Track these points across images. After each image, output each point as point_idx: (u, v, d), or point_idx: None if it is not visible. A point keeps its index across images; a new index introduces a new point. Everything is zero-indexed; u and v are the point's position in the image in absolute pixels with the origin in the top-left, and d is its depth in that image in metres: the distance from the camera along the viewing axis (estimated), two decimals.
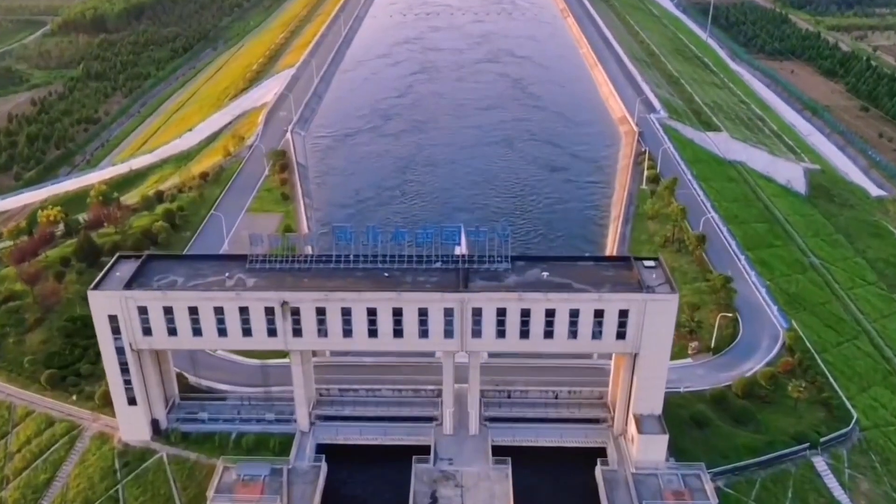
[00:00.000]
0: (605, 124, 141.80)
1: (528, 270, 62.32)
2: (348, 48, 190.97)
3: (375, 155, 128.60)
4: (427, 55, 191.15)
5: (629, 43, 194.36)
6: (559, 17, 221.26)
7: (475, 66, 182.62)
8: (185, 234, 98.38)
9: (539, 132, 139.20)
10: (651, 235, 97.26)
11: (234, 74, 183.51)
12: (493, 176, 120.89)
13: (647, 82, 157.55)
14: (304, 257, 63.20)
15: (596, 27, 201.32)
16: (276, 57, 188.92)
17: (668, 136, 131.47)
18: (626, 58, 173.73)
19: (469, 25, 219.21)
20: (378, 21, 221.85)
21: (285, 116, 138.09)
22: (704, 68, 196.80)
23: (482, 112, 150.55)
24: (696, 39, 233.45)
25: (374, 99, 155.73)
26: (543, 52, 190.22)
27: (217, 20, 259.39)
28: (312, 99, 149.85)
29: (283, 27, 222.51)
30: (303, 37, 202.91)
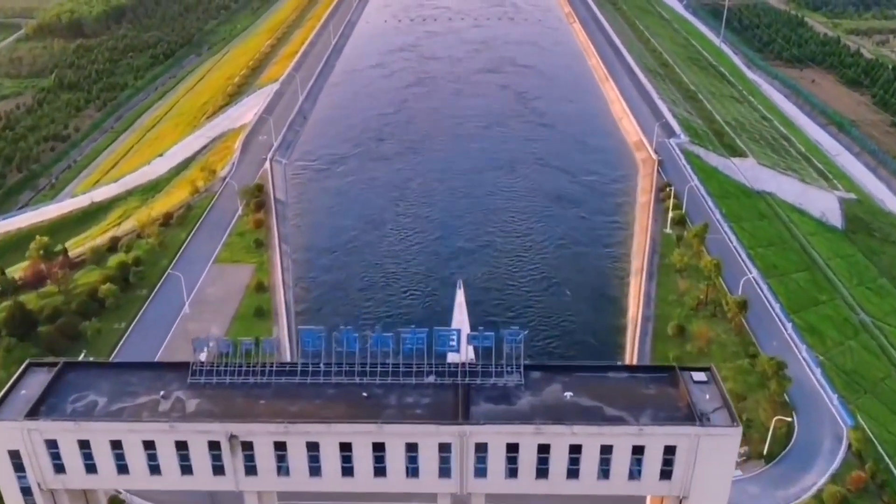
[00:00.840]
0: (620, 148, 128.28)
1: (547, 386, 49.04)
2: (338, 58, 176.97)
3: (364, 185, 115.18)
4: (423, 64, 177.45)
5: (640, 52, 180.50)
6: (564, 21, 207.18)
7: (475, 76, 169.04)
8: (141, 294, 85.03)
9: (546, 155, 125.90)
10: (681, 295, 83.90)
11: (215, 87, 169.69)
12: (495, 210, 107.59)
13: (663, 100, 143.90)
14: (261, 367, 49.94)
15: (604, 34, 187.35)
16: (261, 67, 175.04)
17: (691, 164, 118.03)
18: (638, 70, 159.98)
19: (468, 30, 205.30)
20: (371, 26, 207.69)
21: (265, 141, 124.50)
22: (721, 79, 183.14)
23: (483, 131, 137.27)
24: (709, 45, 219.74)
25: (364, 117, 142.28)
26: (548, 62, 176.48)
27: (202, 23, 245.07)
28: (297, 119, 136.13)
29: (270, 32, 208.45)
30: (290, 44, 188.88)
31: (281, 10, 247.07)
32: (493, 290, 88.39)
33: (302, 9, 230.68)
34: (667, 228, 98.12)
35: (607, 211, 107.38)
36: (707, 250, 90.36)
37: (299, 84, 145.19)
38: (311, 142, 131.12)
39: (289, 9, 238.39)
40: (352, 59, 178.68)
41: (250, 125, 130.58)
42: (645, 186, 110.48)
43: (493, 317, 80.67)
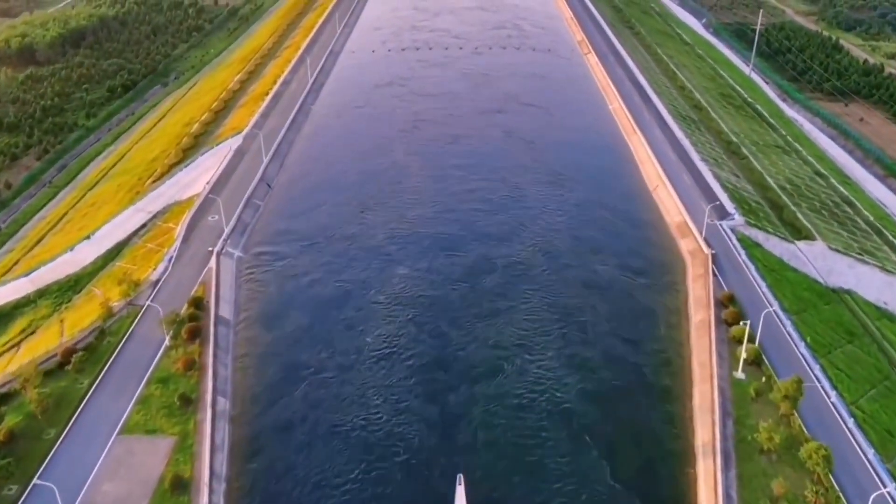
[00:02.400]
0: (656, 226, 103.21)
1: None
2: (316, 98, 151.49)
3: (331, 291, 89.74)
4: (416, 103, 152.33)
5: (668, 92, 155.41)
6: (577, 50, 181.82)
7: (476, 119, 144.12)
8: (8, 493, 59.85)
9: (566, 237, 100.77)
10: (774, 501, 58.76)
11: (171, 134, 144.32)
12: (502, 352, 79.05)
13: (705, 161, 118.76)
14: None
15: (625, 68, 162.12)
16: (226, 110, 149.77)
17: (752, 258, 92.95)
18: (670, 119, 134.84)
19: (468, 59, 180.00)
20: (357, 57, 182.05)
21: (215, 224, 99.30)
22: (759, 121, 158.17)
23: (487, 200, 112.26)
24: (739, 75, 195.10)
25: (344, 180, 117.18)
26: (560, 101, 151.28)
27: (171, 48, 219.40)
28: (259, 189, 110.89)
29: (241, 63, 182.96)
30: (262, 80, 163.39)
31: (259, 32, 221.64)
32: (499, 485, 63.06)
33: (280, 33, 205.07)
34: (738, 372, 73.05)
35: (650, 333, 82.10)
36: (802, 420, 65.33)
37: (263, 142, 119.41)
38: (275, 221, 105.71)
39: (267, 32, 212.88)
40: (333, 99, 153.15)
41: (200, 198, 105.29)
42: (699, 296, 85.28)
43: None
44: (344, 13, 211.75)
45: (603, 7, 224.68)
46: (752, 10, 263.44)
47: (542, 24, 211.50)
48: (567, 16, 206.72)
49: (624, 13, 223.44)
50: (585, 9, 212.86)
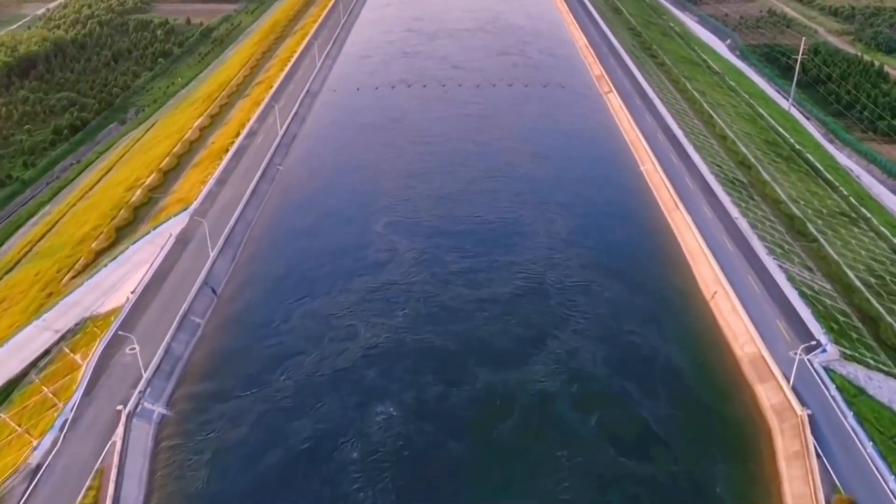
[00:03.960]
0: (723, 366, 77.82)
1: None
2: (286, 154, 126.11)
3: (289, 452, 64.87)
4: (406, 157, 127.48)
5: (708, 146, 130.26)
6: (595, 88, 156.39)
7: (478, 183, 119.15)
8: None
9: (600, 376, 75.87)
10: None
11: (111, 199, 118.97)
12: None
13: (771, 254, 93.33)
14: None
15: (654, 113, 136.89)
16: (180, 168, 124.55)
17: (860, 420, 67.70)
18: (716, 185, 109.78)
19: (469, 94, 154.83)
20: (339, 97, 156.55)
21: (130, 363, 73.90)
22: (814, 177, 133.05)
23: (495, 302, 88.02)
24: (778, 111, 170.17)
25: (308, 282, 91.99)
26: (580, 160, 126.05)
27: (132, 77, 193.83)
28: (200, 298, 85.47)
29: (206, 102, 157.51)
30: (226, 126, 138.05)
31: (231, 59, 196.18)
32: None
33: (254, 63, 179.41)
34: None
35: None
36: None
37: (212, 226, 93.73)
38: (218, 350, 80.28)
39: (239, 61, 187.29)
40: (306, 156, 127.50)
41: (119, 319, 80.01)
42: (800, 495, 59.90)
43: None
44: (327, 39, 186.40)
45: (619, 29, 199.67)
46: (780, 29, 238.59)
47: (552, 51, 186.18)
48: (581, 43, 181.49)
49: (643, 37, 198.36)
50: (601, 33, 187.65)
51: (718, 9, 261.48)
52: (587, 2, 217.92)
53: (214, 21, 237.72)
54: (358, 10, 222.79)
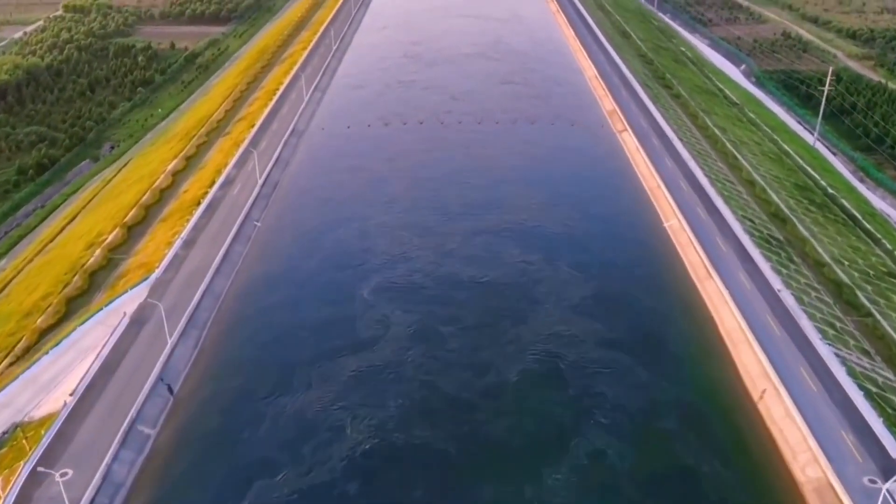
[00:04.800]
0: (783, 497, 64.07)
1: None
2: (265, 208, 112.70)
3: None
4: (400, 206, 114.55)
5: (736, 194, 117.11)
6: (608, 126, 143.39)
7: (480, 236, 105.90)
8: None
9: (630, 492, 62.63)
10: None
11: (69, 258, 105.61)
12: None
13: (823, 338, 79.87)
14: None
15: (674, 156, 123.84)
16: (146, 222, 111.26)
17: None
18: (751, 245, 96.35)
19: (469, 138, 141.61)
20: (327, 137, 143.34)
21: (68, 486, 60.18)
22: (853, 228, 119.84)
23: (502, 391, 76.29)
24: (804, 148, 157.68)
25: (282, 362, 79.11)
26: (594, 213, 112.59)
27: (109, 108, 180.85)
28: (151, 400, 71.81)
29: (183, 140, 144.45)
30: (201, 172, 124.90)
31: (215, 89, 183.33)
32: None
33: (237, 96, 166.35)
34: None
35: None
36: None
37: (165, 317, 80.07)
38: (172, 472, 66.58)
39: (222, 92, 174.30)
40: (286, 211, 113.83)
41: (48, 436, 66.30)
42: None
43: None
44: (317, 68, 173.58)
45: (629, 56, 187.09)
46: (797, 54, 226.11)
47: (558, 80, 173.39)
48: (590, 73, 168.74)
49: (655, 64, 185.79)
50: (610, 61, 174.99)
51: (730, 31, 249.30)
52: (594, 26, 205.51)
53: (200, 45, 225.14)
54: (351, 35, 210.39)
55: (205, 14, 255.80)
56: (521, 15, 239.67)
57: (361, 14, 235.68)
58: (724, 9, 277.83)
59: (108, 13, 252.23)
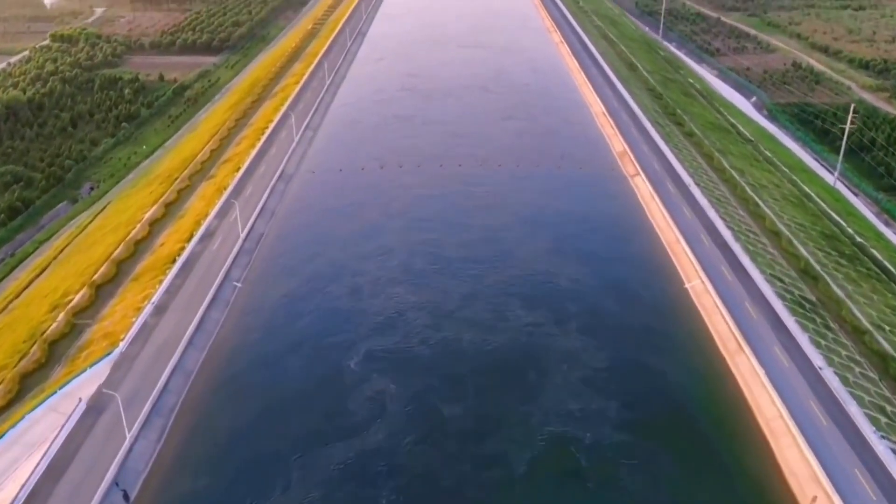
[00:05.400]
0: None
1: None
2: (246, 267, 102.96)
3: None
4: (395, 261, 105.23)
5: (762, 249, 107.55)
6: (619, 168, 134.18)
7: (483, 295, 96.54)
8: None
9: None
10: None
11: (30, 323, 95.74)
12: None
13: (880, 435, 69.91)
14: None
15: (691, 203, 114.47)
16: (116, 280, 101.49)
17: None
18: (785, 313, 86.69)
19: (470, 176, 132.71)
20: (316, 183, 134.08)
21: None
22: (887, 282, 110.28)
23: (510, 486, 67.35)
24: (825, 189, 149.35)
25: (257, 457, 69.34)
26: (608, 266, 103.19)
27: (90, 146, 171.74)
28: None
29: (165, 183, 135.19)
30: (179, 222, 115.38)
31: (203, 125, 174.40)
32: None
33: (224, 135, 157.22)
34: None
35: None
36: None
37: (123, 408, 69.96)
38: None
39: (210, 127, 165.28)
40: (270, 272, 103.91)
41: None
42: None
43: None
44: (309, 104, 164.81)
45: (637, 89, 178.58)
46: (809, 85, 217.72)
47: (564, 116, 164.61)
48: (597, 109, 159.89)
49: (665, 99, 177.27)
50: (618, 96, 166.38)
51: (738, 61, 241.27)
52: (599, 58, 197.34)
53: (190, 77, 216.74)
54: (346, 68, 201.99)
55: (196, 44, 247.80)
56: (523, 45, 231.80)
57: (357, 45, 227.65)
58: (730, 38, 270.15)
59: (96, 43, 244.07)
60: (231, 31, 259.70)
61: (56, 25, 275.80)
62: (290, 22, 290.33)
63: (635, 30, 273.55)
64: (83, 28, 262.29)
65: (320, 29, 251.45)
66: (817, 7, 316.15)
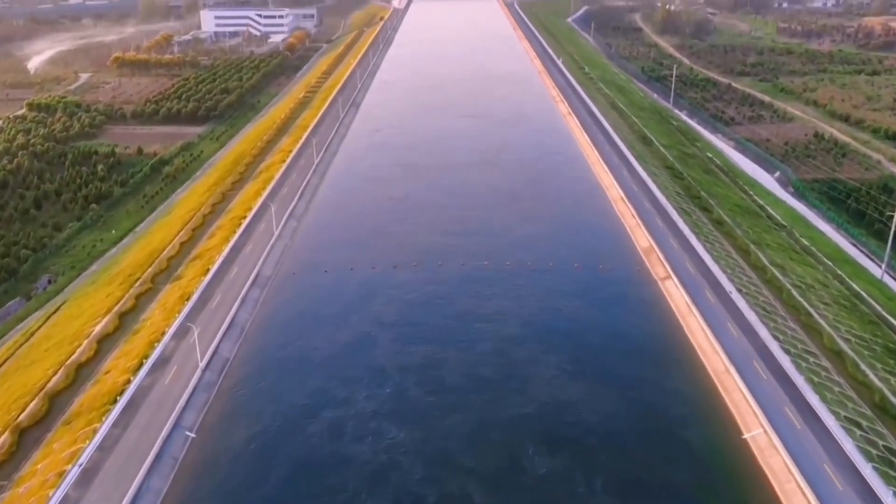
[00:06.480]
0: None
1: None
2: (206, 402, 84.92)
3: None
4: (386, 389, 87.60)
5: (825, 375, 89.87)
6: (645, 267, 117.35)
7: (490, 431, 79.14)
8: None
9: None
10: None
11: None
12: None
13: None
14: None
15: (736, 316, 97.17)
16: (51, 418, 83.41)
17: None
18: (879, 486, 68.27)
19: (474, 279, 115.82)
20: (298, 285, 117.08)
21: None
22: None
23: None
24: (872, 283, 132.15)
25: None
26: (648, 409, 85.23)
27: (52, 231, 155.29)
28: None
29: (125, 284, 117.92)
30: (133, 342, 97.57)
31: (175, 210, 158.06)
32: None
33: (198, 224, 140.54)
34: None
35: None
36: None
37: None
38: None
39: (181, 216, 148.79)
40: (231, 415, 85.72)
41: None
42: None
43: None
44: (295, 187, 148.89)
45: (654, 167, 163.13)
46: (836, 159, 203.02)
47: (578, 200, 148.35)
48: (614, 193, 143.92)
49: (687, 180, 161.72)
50: (636, 178, 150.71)
51: (755, 131, 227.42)
52: (611, 132, 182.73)
53: (172, 150, 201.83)
54: (338, 142, 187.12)
55: (181, 113, 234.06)
56: (528, 115, 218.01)
57: (351, 115, 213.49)
58: (744, 105, 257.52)
59: (74, 112, 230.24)
60: (219, 99, 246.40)
61: (36, 93, 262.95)
62: (282, 89, 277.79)
63: (644, 97, 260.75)
64: (62, 97, 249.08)
65: (313, 98, 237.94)
66: (830, 72, 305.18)
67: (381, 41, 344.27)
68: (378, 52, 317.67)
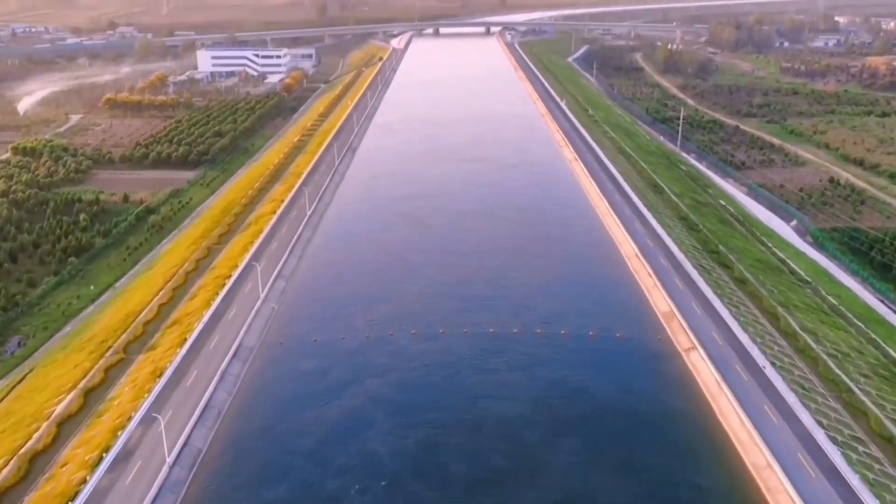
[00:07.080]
0: None
1: None
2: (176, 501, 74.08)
3: None
4: None
5: (870, 464, 79.25)
6: (666, 335, 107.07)
7: None
8: None
9: None
10: None
11: None
12: None
13: None
14: None
15: (770, 392, 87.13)
16: (25, 491, 72.28)
17: None
18: None
19: (478, 352, 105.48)
20: (282, 361, 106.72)
21: None
22: None
23: None
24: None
25: None
26: None
27: (26, 287, 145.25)
28: None
29: (96, 352, 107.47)
30: (97, 426, 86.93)
31: (158, 266, 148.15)
32: None
33: (180, 282, 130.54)
34: None
35: None
36: None
37: None
38: None
39: (163, 273, 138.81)
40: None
41: None
42: None
43: None
44: (285, 242, 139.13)
45: (668, 220, 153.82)
46: (854, 206, 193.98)
47: (589, 256, 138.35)
48: (627, 249, 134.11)
49: (702, 231, 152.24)
50: (650, 231, 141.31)
51: (767, 176, 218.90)
52: (621, 180, 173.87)
53: (159, 197, 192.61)
54: (332, 191, 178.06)
55: (172, 157, 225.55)
56: (532, 160, 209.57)
57: (347, 161, 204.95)
58: (753, 148, 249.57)
59: (60, 157, 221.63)
60: (212, 142, 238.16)
61: (23, 136, 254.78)
62: (277, 131, 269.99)
63: (650, 140, 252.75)
64: (49, 140, 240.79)
65: (308, 142, 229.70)
66: (839, 114, 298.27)
67: (380, 82, 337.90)
68: (377, 94, 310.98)
